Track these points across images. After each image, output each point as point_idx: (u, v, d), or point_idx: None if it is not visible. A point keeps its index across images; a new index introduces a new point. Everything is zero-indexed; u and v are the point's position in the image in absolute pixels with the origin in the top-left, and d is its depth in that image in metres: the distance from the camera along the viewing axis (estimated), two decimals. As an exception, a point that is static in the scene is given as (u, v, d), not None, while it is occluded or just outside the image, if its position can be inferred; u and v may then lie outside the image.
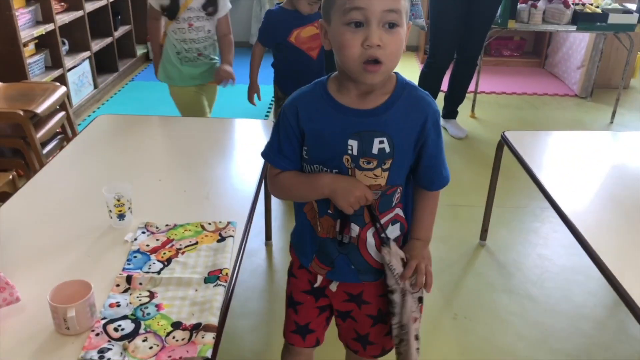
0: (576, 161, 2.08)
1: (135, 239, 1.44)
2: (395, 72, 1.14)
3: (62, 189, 1.71)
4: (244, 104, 2.97)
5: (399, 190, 1.19)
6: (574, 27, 3.80)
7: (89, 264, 1.35)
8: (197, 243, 1.43)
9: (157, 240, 1.44)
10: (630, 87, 4.83)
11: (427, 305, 2.17)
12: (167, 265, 1.35)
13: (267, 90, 4.67)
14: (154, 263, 1.35)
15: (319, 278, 1.31)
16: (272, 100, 4.30)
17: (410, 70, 5.11)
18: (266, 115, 4.09)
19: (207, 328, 1.14)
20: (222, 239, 1.45)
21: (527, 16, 3.80)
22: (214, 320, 1.16)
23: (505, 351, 1.93)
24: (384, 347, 1.40)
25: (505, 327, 2.05)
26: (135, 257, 1.37)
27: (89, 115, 4.00)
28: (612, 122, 4.08)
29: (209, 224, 1.51)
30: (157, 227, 1.49)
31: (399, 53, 1.06)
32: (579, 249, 1.58)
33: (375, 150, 1.11)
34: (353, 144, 1.11)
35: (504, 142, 2.26)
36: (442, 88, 3.71)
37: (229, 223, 1.51)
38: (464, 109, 3.98)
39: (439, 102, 3.79)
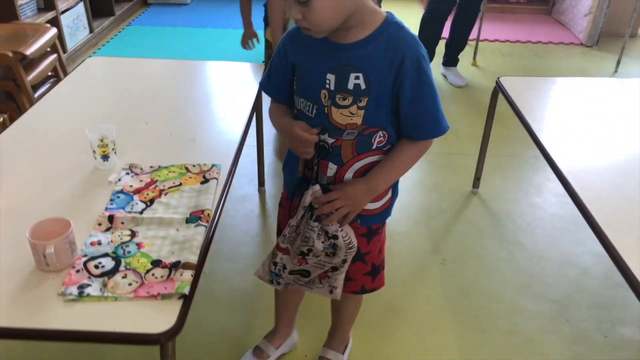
0: (572, 109, 2.05)
1: (119, 180, 1.44)
2: (387, 12, 1.13)
3: (48, 129, 1.70)
4: (240, 49, 2.91)
5: (381, 134, 1.18)
6: (581, -28, 3.67)
7: (72, 203, 1.36)
8: (180, 184, 1.44)
9: (141, 181, 1.44)
10: (638, 36, 4.71)
11: (414, 250, 2.22)
12: (149, 206, 1.35)
13: (263, 35, 4.60)
14: (136, 203, 1.36)
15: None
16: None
17: (412, 14, 4.98)
18: (263, 61, 4.02)
19: (186, 266, 1.16)
20: (205, 180, 1.45)
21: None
22: (193, 258, 1.18)
23: (489, 295, 1.97)
24: (364, 286, 1.43)
25: (492, 273, 2.08)
26: (118, 197, 1.38)
27: (84, 60, 3.95)
28: (616, 71, 4.00)
29: (194, 166, 1.51)
30: (141, 169, 1.49)
31: (324, 19, 1.04)
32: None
33: (350, 86, 1.11)
34: (331, 78, 1.12)
35: (498, 89, 2.22)
36: (443, 35, 3.63)
37: (213, 165, 1.51)
38: (465, 56, 3.90)
39: (440, 49, 3.72)
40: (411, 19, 4.97)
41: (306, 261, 1.28)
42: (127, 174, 1.47)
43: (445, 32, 3.67)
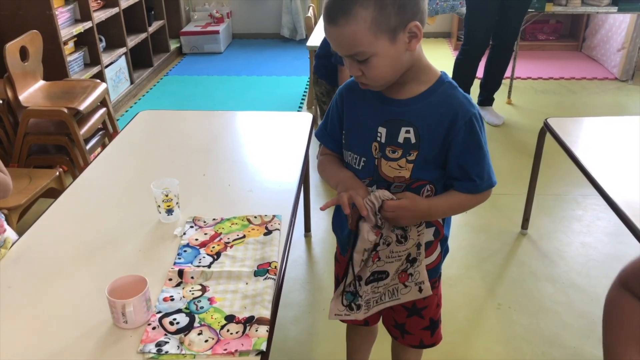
0: (621, 147, 2.02)
1: (184, 234, 1.46)
2: (441, 71, 1.16)
3: (108, 185, 1.75)
4: (275, 95, 2.97)
5: (428, 188, 1.18)
6: (614, 8, 3.69)
7: (140, 259, 1.39)
8: (244, 236, 1.45)
9: (206, 234, 1.46)
10: (673, 69, 4.67)
11: (469, 295, 2.18)
12: (216, 259, 1.37)
13: (298, 81, 4.71)
14: (203, 257, 1.38)
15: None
16: (305, 90, 4.32)
17: (442, 56, 5.04)
18: (299, 108, 4.10)
19: (260, 321, 1.16)
20: (268, 232, 1.47)
21: (565, -2, 3.71)
22: (266, 313, 1.18)
23: (552, 341, 1.91)
24: (422, 340, 1.41)
25: (551, 317, 2.02)
26: (185, 251, 1.40)
27: (127, 111, 4.07)
28: (655, 106, 3.96)
29: (255, 217, 1.53)
30: (204, 221, 1.52)
31: (383, 73, 1.08)
32: (624, 237, 1.56)
33: (401, 139, 1.14)
34: (382, 131, 1.16)
35: (546, 129, 2.21)
36: (478, 75, 3.66)
37: (274, 216, 1.53)
38: (500, 95, 3.91)
39: (475, 89, 3.74)
40: (439, 59, 5.03)
41: (378, 256, 1.23)
42: (192, 227, 1.49)
43: (480, 72, 3.70)
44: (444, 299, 1.64)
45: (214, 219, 1.53)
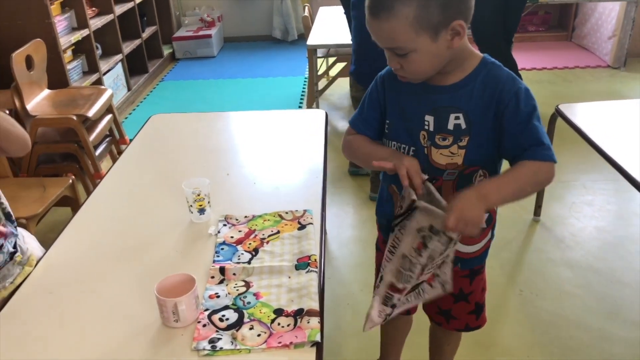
0: (632, 128, 2.06)
1: (219, 232, 1.46)
2: (484, 54, 1.15)
3: (132, 190, 1.73)
4: (273, 96, 2.96)
5: (481, 173, 1.17)
6: (607, -3, 3.74)
7: (179, 259, 1.38)
8: (278, 232, 1.45)
9: (240, 231, 1.46)
10: (664, 54, 4.75)
11: (490, 283, 2.18)
12: (255, 255, 1.37)
13: (294, 81, 4.71)
14: (242, 254, 1.37)
15: None
16: (303, 91, 4.32)
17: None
18: (299, 107, 4.10)
19: (310, 313, 1.16)
20: (302, 226, 1.47)
21: (558, -11, 3.75)
22: (315, 305, 1.18)
23: (578, 324, 1.94)
24: (468, 324, 1.42)
25: (574, 301, 2.05)
26: (222, 249, 1.40)
27: (126, 118, 4.05)
28: (649, 91, 4.02)
29: (287, 212, 1.53)
30: (236, 219, 1.51)
31: (422, 68, 1.08)
32: (636, 219, 1.57)
33: (450, 126, 1.13)
34: (430, 119, 1.14)
35: (557, 115, 2.24)
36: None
37: (305, 211, 1.53)
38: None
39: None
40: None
41: (423, 272, 1.19)
42: (225, 225, 1.49)
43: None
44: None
45: (245, 217, 1.53)
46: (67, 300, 1.25)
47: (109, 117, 2.84)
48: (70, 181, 2.29)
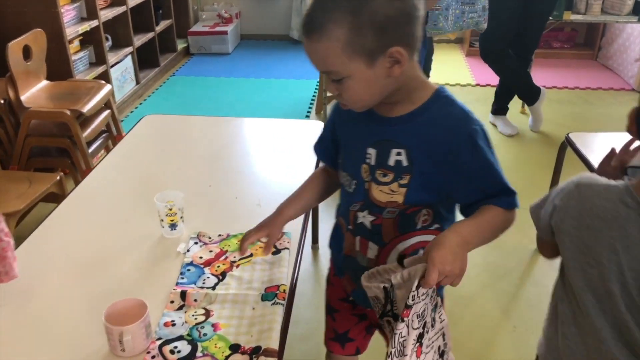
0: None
1: (188, 250, 1.38)
2: (439, 86, 1.05)
3: (109, 195, 1.66)
4: (284, 99, 2.87)
5: (425, 212, 1.08)
6: (635, 18, 3.60)
7: (141, 278, 1.30)
8: (251, 255, 1.37)
9: (210, 251, 1.38)
10: (691, 81, 4.57)
11: (483, 316, 2.10)
12: (221, 280, 1.28)
13: (307, 84, 4.62)
14: (208, 277, 1.29)
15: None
16: (314, 95, 4.23)
17: (454, 62, 4.95)
18: (308, 111, 4.01)
19: (267, 352, 1.08)
20: (277, 251, 1.38)
21: (584, 7, 3.62)
22: (274, 344, 1.10)
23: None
24: None
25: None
26: (188, 270, 1.31)
27: (132, 112, 4.00)
28: (673, 119, 3.85)
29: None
30: (209, 237, 1.43)
31: (358, 96, 0.99)
32: None
33: (391, 162, 1.04)
34: (372, 152, 1.07)
35: (567, 144, 2.12)
36: (491, 83, 3.56)
37: (283, 234, 1.44)
38: (514, 104, 3.82)
39: (489, 98, 3.64)
40: (450, 64, 4.93)
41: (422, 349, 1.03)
42: (196, 243, 1.41)
43: (495, 80, 3.60)
44: (457, 319, 1.55)
45: (219, 235, 1.44)
46: (15, 315, 1.18)
47: (106, 112, 2.78)
48: (58, 177, 2.23)
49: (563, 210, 1.01)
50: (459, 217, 1.11)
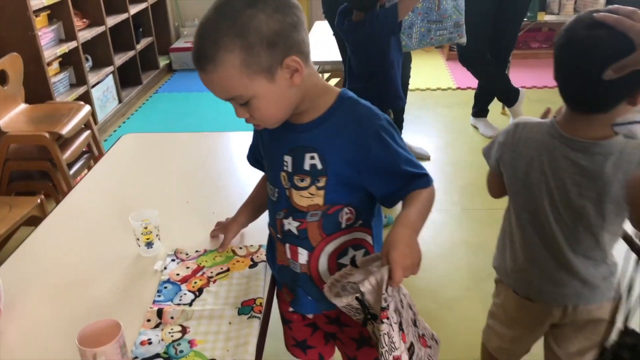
0: None
1: (165, 268, 1.38)
2: (342, 89, 1.10)
3: (87, 216, 1.66)
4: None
5: (347, 211, 1.12)
6: (608, 16, 3.64)
7: (118, 298, 1.30)
8: (228, 270, 1.37)
9: (188, 268, 1.38)
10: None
11: (468, 318, 2.10)
12: (198, 296, 1.29)
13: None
14: (185, 294, 1.29)
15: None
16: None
17: (435, 66, 4.99)
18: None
19: (244, 367, 1.08)
20: (254, 264, 1.39)
21: (557, 7, 3.67)
22: (250, 358, 1.10)
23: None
24: None
25: (555, 341, 1.94)
26: (165, 287, 1.32)
27: (115, 131, 4.00)
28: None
29: (240, 248, 1.45)
30: (187, 254, 1.44)
31: (270, 112, 1.02)
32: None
33: (307, 167, 1.08)
34: (288, 160, 1.11)
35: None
36: (472, 86, 3.60)
37: (260, 246, 1.45)
38: (494, 105, 3.86)
39: (469, 100, 3.68)
40: (432, 69, 4.97)
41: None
42: (173, 260, 1.41)
43: (475, 83, 3.63)
44: (442, 323, 1.55)
45: (196, 251, 1.45)
46: (-10, 342, 1.18)
47: (86, 133, 2.78)
48: (39, 201, 2.23)
49: (504, 145, 1.27)
50: (380, 210, 1.18)
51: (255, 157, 1.30)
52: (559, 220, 1.22)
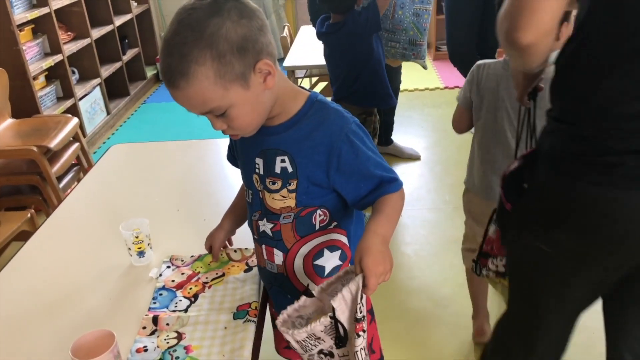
0: None
1: (160, 275, 1.38)
2: (311, 91, 1.10)
3: (77, 228, 1.66)
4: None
5: (320, 213, 1.12)
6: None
7: (111, 308, 1.29)
8: (223, 275, 1.37)
9: (183, 274, 1.38)
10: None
11: (465, 316, 2.10)
12: (193, 302, 1.28)
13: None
14: (180, 300, 1.29)
15: None
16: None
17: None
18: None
19: (239, 372, 1.07)
20: (249, 268, 1.38)
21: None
22: (245, 362, 1.10)
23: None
24: None
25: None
26: (160, 294, 1.31)
27: (104, 142, 3.99)
28: None
29: (235, 251, 1.44)
30: (182, 260, 1.43)
31: (248, 119, 1.01)
32: None
33: (278, 169, 1.08)
34: (259, 162, 1.11)
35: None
36: (459, 85, 3.62)
37: (254, 252, 1.44)
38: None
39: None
40: (420, 71, 4.99)
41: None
42: (168, 267, 1.41)
43: (462, 83, 3.64)
44: (438, 321, 1.54)
45: (192, 256, 1.44)
46: (-17, 358, 1.17)
47: (75, 146, 2.77)
48: (29, 215, 2.21)
49: (471, 82, 1.71)
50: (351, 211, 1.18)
51: (233, 156, 1.29)
52: (512, 129, 1.61)
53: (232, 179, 1.89)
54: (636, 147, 0.95)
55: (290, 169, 1.07)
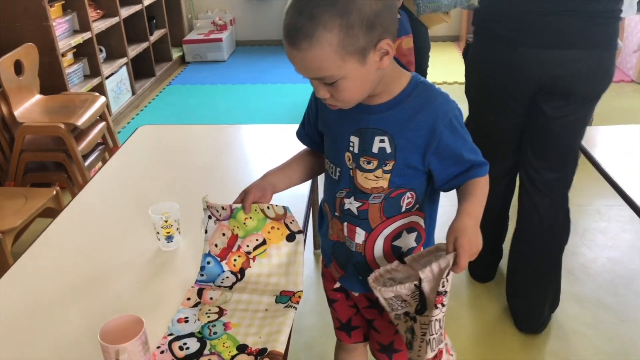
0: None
1: (207, 232, 1.29)
2: (413, 73, 1.08)
3: (105, 209, 1.64)
4: (281, 104, 2.85)
5: (409, 195, 1.10)
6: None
7: (138, 293, 1.27)
8: (265, 243, 1.27)
9: (224, 234, 1.28)
10: (690, 70, 4.53)
11: (485, 319, 2.06)
12: (240, 279, 1.25)
13: (304, 89, 4.60)
14: (227, 277, 1.26)
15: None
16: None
17: (451, 60, 4.92)
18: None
19: (273, 355, 1.06)
20: (291, 235, 1.27)
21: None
22: (281, 347, 1.08)
23: (582, 368, 1.78)
24: None
25: (580, 340, 1.90)
26: (208, 263, 1.27)
27: (129, 123, 3.98)
28: (674, 109, 3.83)
29: (268, 207, 1.26)
30: (217, 211, 1.30)
31: (353, 94, 0.99)
32: None
33: (375, 149, 1.06)
34: (355, 140, 1.08)
35: (569, 139, 2.10)
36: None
37: (285, 209, 1.25)
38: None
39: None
40: (447, 62, 4.88)
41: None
42: (210, 217, 1.30)
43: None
44: (459, 320, 1.50)
45: (223, 208, 1.29)
46: (8, 335, 1.15)
47: (101, 125, 2.75)
48: (55, 192, 2.21)
49: None
50: (437, 194, 1.16)
51: (307, 133, 1.24)
52: None
53: (260, 167, 1.85)
54: None
55: (389, 150, 1.05)
